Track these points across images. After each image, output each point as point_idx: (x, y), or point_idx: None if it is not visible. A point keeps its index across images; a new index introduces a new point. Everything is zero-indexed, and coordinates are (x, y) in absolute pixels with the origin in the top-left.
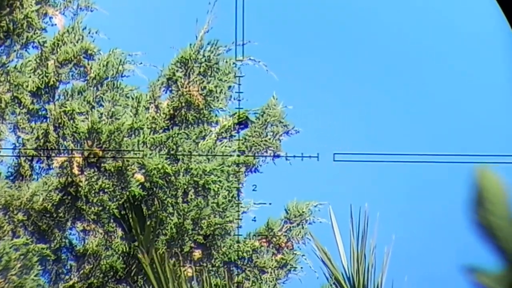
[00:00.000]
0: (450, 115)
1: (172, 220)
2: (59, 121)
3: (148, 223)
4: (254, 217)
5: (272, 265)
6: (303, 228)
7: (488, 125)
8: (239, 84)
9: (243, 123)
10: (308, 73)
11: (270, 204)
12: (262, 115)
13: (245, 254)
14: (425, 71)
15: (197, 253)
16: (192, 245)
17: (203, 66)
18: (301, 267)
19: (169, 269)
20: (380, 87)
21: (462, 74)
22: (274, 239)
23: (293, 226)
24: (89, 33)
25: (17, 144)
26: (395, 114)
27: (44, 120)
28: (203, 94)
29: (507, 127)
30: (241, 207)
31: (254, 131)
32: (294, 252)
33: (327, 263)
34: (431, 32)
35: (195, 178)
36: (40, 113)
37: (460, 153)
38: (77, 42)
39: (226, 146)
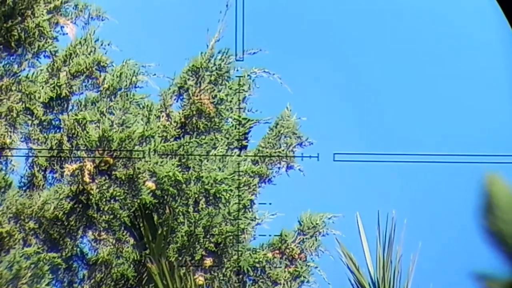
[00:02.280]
0: (450, 115)
1: (183, 229)
2: (73, 131)
3: (159, 231)
4: (255, 217)
5: (285, 277)
6: (316, 240)
7: (489, 125)
8: (241, 96)
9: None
10: (308, 73)
11: (270, 204)
12: (276, 127)
13: (257, 265)
14: (426, 71)
15: (208, 261)
16: (203, 253)
17: (214, 75)
18: (314, 279)
19: (178, 278)
20: (380, 87)
21: (462, 74)
22: (288, 251)
23: (306, 238)
24: (101, 45)
25: (30, 155)
26: (395, 114)
27: (58, 131)
28: (214, 103)
29: (507, 127)
30: (255, 218)
31: (268, 143)
32: (307, 263)
33: (353, 269)
34: (432, 32)
35: (206, 187)
36: (53, 123)
37: (460, 153)
38: (89, 54)
39: (237, 155)
